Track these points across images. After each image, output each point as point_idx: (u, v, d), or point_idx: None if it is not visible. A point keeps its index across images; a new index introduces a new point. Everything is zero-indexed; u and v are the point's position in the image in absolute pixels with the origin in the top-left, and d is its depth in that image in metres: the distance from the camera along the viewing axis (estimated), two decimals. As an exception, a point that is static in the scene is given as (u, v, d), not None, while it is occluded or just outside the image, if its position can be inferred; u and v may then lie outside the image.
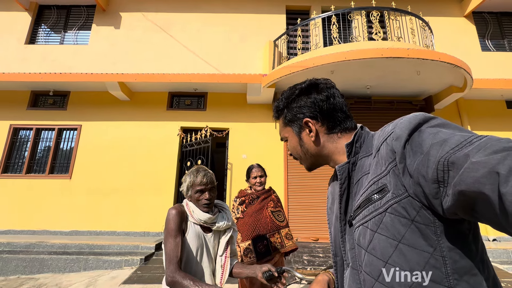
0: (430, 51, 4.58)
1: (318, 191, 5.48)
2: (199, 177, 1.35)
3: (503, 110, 6.10)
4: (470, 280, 0.44)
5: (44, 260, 4.25)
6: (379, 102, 5.94)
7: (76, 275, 4.03)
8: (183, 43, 6.35)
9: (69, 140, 6.02)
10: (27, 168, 5.76)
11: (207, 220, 1.35)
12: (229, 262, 1.40)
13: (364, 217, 0.53)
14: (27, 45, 6.44)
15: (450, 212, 0.42)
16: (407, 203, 0.47)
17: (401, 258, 0.47)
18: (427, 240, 0.45)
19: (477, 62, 6.04)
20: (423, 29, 5.42)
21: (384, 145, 0.53)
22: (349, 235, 0.59)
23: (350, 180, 0.61)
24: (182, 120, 6.03)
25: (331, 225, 0.69)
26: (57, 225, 5.40)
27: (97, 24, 6.59)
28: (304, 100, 0.68)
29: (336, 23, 5.07)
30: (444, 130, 0.45)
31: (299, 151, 0.72)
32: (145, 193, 5.53)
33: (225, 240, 1.41)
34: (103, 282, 3.67)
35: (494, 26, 6.74)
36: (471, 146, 0.39)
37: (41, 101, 6.23)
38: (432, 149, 0.43)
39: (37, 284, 3.75)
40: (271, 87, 5.30)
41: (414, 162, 0.45)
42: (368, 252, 0.52)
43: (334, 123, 0.66)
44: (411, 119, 0.50)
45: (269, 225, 2.18)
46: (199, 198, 1.35)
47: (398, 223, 0.48)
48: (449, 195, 0.40)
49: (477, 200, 0.36)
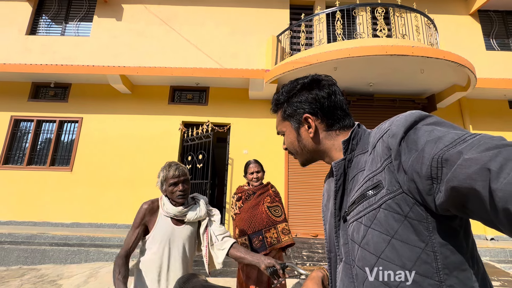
0: (434, 49, 4.54)
1: (318, 187, 5.49)
2: (172, 170, 1.42)
3: (506, 110, 6.08)
4: (460, 275, 0.45)
5: (46, 251, 4.28)
6: (382, 99, 5.92)
7: (77, 267, 4.06)
8: (185, 36, 6.30)
9: (70, 132, 6.02)
10: (28, 160, 5.76)
11: (176, 213, 1.42)
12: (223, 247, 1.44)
13: (359, 213, 0.54)
14: (28, 36, 6.38)
15: (442, 208, 0.43)
16: (401, 199, 0.48)
17: (394, 253, 0.48)
18: (419, 236, 0.46)
19: (481, 61, 6.00)
20: (428, 27, 5.37)
21: (380, 142, 0.53)
22: (343, 231, 0.60)
23: (345, 176, 0.61)
24: (184, 114, 6.01)
25: (326, 222, 0.70)
26: (58, 217, 5.42)
27: (98, 16, 6.52)
28: (305, 95, 0.68)
29: (340, 19, 5.02)
30: (439, 128, 0.46)
31: (296, 146, 0.71)
32: (145, 186, 5.55)
33: (201, 231, 1.49)
34: (105, 274, 3.71)
35: (499, 25, 6.68)
36: (464, 143, 0.40)
37: (42, 93, 6.20)
38: (427, 146, 0.44)
39: (38, 275, 3.79)
40: (273, 83, 5.27)
41: (409, 159, 0.46)
42: (361, 247, 0.52)
43: (334, 121, 0.66)
44: (407, 116, 0.51)
45: (265, 221, 2.18)
46: (173, 190, 1.42)
47: (391, 218, 0.48)
48: (441, 191, 0.41)
49: (468, 196, 0.37)
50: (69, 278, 3.64)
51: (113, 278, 1.29)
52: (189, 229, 1.48)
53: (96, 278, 3.60)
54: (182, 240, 1.44)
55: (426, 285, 0.45)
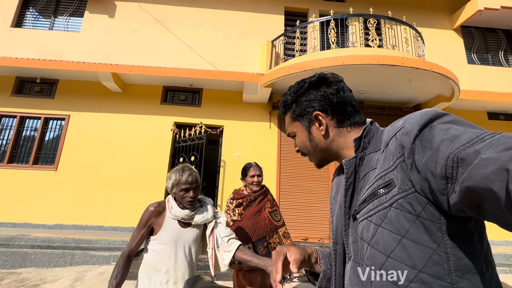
0: (422, 61, 4.77)
1: (309, 191, 5.58)
2: (185, 176, 1.41)
3: (485, 121, 6.45)
4: (472, 278, 0.43)
5: (27, 254, 4.08)
6: (371, 107, 6.13)
7: (61, 270, 3.89)
8: (180, 37, 6.25)
9: (56, 130, 5.79)
10: (9, 157, 5.49)
11: (184, 216, 1.43)
12: (230, 249, 1.43)
13: (369, 211, 0.53)
14: (13, 28, 6.12)
15: (456, 208, 0.41)
16: (413, 199, 0.47)
17: (404, 253, 0.47)
18: (431, 236, 0.45)
19: (463, 73, 6.34)
20: (416, 39, 5.62)
21: (393, 140, 0.52)
22: (352, 229, 0.59)
23: (356, 174, 0.60)
24: (176, 115, 5.94)
25: (333, 213, 0.69)
26: (40, 218, 5.18)
27: (90, 12, 6.36)
28: (314, 93, 0.67)
29: (334, 28, 5.17)
30: (455, 127, 0.45)
31: (308, 146, 0.70)
32: (134, 187, 5.42)
33: (208, 233, 1.49)
34: (91, 278, 3.58)
35: (480, 40, 7.10)
36: (482, 143, 0.38)
37: (26, 88, 5.95)
38: (442, 145, 0.42)
39: (19, 279, 3.60)
40: (268, 87, 5.33)
41: (422, 158, 0.45)
42: (370, 246, 0.52)
43: (344, 117, 0.66)
44: (423, 114, 0.49)
45: (268, 227, 2.14)
46: (184, 196, 1.42)
47: (402, 218, 0.47)
48: (456, 191, 0.40)
49: (484, 197, 0.35)
50: (53, 282, 3.48)
51: (110, 279, 1.29)
52: (196, 231, 1.48)
53: (82, 282, 3.47)
54: (188, 242, 1.44)
55: (436, 286, 0.44)
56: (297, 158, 5.59)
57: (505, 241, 5.68)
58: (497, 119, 6.56)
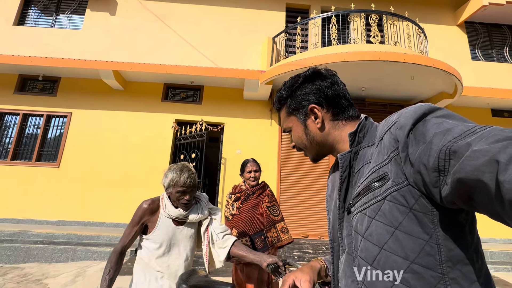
0: (425, 57, 4.71)
1: (309, 188, 5.57)
2: (183, 178, 1.35)
3: (489, 118, 6.36)
4: (463, 268, 0.45)
5: (30, 250, 4.13)
6: (373, 104, 6.08)
7: (63, 266, 3.94)
8: (180, 34, 6.25)
9: (58, 127, 5.84)
10: (13, 154, 5.55)
11: (178, 216, 1.40)
12: (225, 245, 1.42)
13: (363, 205, 0.54)
14: (16, 26, 6.16)
15: (448, 200, 0.42)
16: (406, 192, 0.48)
17: (397, 245, 0.48)
18: (424, 228, 0.46)
19: (467, 70, 6.26)
20: (418, 35, 5.56)
21: (388, 134, 0.53)
22: (346, 222, 0.60)
23: (351, 169, 0.61)
24: (177, 112, 5.95)
25: (329, 211, 0.69)
26: (43, 214, 5.24)
27: (91, 9, 6.38)
28: (309, 87, 0.68)
29: (335, 24, 5.12)
30: (448, 121, 0.45)
31: (304, 140, 0.71)
32: (136, 184, 5.45)
33: (202, 230, 1.46)
34: (93, 273, 3.62)
35: (484, 36, 7.00)
36: (474, 135, 0.39)
37: (29, 86, 6.00)
38: (435, 138, 0.43)
39: (22, 274, 3.65)
40: (268, 84, 5.31)
41: (416, 151, 0.45)
42: (364, 238, 0.53)
43: (339, 110, 0.67)
44: (417, 108, 0.50)
45: (266, 221, 2.18)
46: (179, 198, 1.37)
47: (396, 210, 0.48)
48: (448, 183, 0.40)
49: (475, 188, 0.36)
50: (55, 277, 3.53)
51: (103, 274, 1.27)
52: (190, 229, 1.47)
53: (84, 278, 3.51)
54: (183, 240, 1.43)
55: (428, 276, 0.45)
56: (298, 155, 5.58)
57: (508, 239, 5.63)
58: (501, 116, 6.47)
